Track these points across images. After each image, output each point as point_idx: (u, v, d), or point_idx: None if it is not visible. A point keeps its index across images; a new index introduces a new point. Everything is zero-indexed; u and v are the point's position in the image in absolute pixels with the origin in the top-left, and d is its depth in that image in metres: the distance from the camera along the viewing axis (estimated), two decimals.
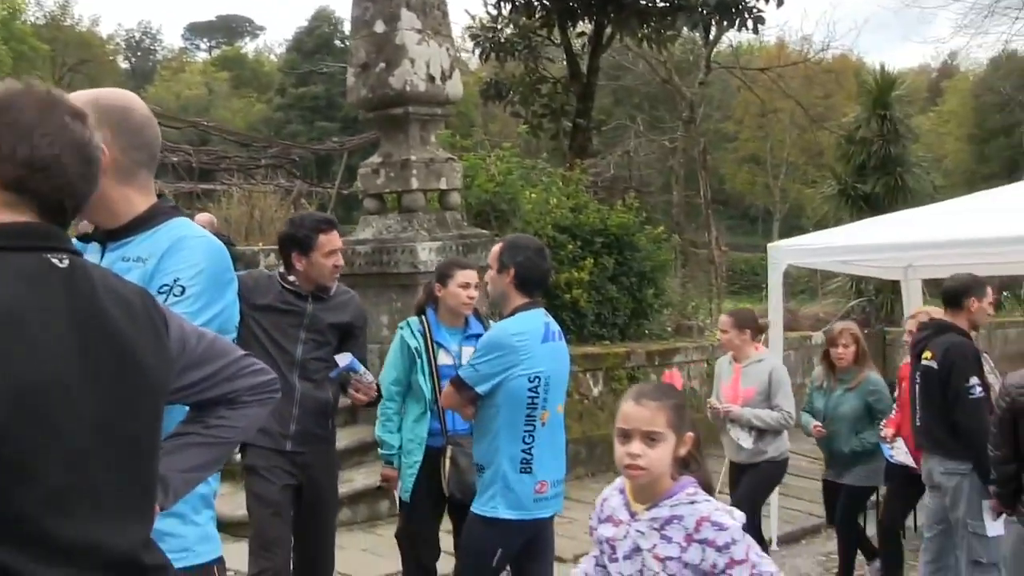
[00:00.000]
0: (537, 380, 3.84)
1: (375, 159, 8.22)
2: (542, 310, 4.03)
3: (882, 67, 19.80)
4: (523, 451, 3.85)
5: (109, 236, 2.40)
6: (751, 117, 44.27)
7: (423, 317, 4.77)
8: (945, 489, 5.00)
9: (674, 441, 2.53)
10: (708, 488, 2.61)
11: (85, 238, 2.47)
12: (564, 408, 4.13)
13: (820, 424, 6.07)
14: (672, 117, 28.23)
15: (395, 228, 8.04)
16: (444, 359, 4.70)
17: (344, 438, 6.66)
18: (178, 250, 2.32)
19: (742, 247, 35.44)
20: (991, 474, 4.55)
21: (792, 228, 33.86)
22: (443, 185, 8.10)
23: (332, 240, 4.26)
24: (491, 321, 4.80)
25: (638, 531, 2.55)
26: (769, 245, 8.02)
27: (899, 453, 5.99)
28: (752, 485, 5.87)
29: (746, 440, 5.82)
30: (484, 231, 8.43)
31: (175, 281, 2.28)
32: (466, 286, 4.71)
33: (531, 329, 3.91)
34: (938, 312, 5.61)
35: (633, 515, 2.58)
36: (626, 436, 2.52)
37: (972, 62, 54.06)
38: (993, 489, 4.57)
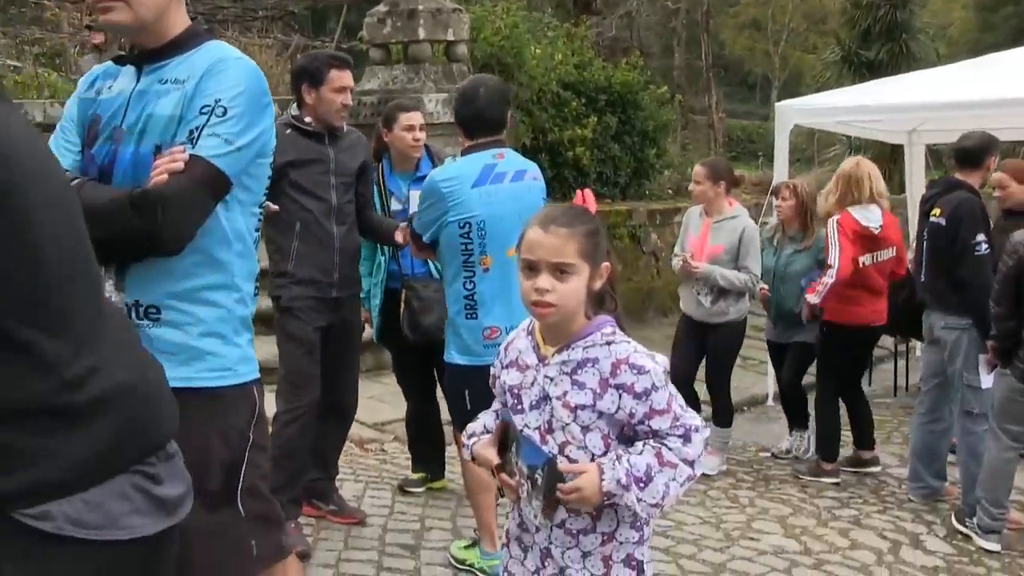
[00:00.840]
0: (468, 226, 3.78)
1: (381, 8, 8.08)
2: (490, 152, 3.89)
3: None
4: (466, 297, 3.84)
5: (145, 59, 2.40)
6: None
7: (379, 164, 4.82)
8: (944, 343, 5.14)
9: (588, 273, 2.19)
10: (622, 328, 2.29)
11: (119, 60, 2.48)
12: None
13: (766, 286, 5.90)
14: None
15: (401, 79, 7.97)
16: (395, 205, 4.81)
17: None
18: (218, 72, 2.33)
19: (740, 114, 35.15)
20: (991, 330, 4.70)
21: (791, 96, 33.38)
22: (450, 36, 8.00)
23: (343, 77, 4.24)
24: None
25: (547, 377, 2.23)
26: (777, 104, 8.01)
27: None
28: (717, 355, 5.72)
29: (706, 298, 5.61)
30: None
31: (217, 102, 2.31)
32: (410, 128, 4.71)
33: (462, 174, 3.85)
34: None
35: (542, 359, 2.26)
36: (532, 268, 2.18)
37: None
38: (991, 344, 4.72)
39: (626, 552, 2.25)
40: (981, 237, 4.99)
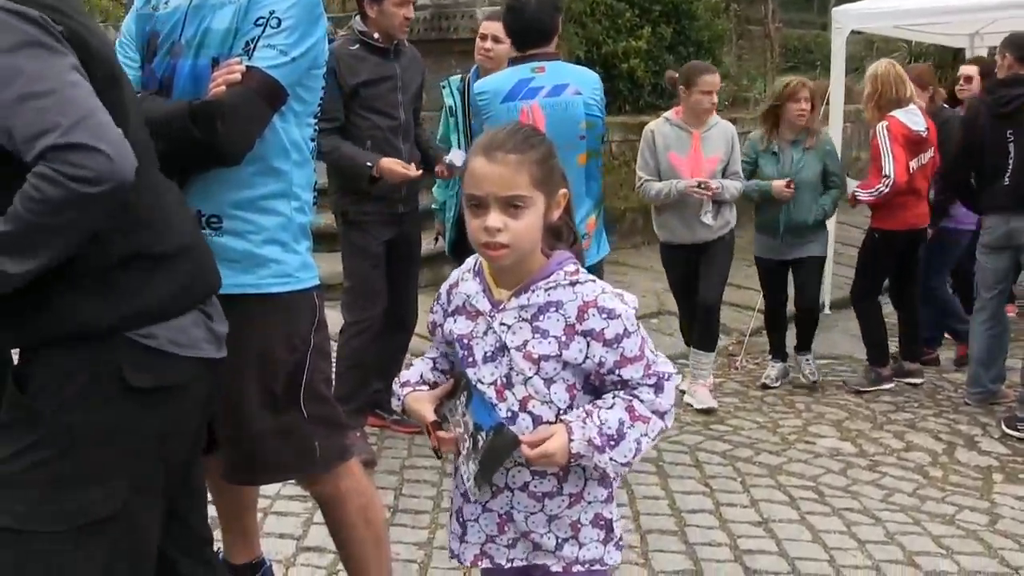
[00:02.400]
0: None
1: None
2: (530, 65, 3.87)
3: None
4: None
5: None
6: None
7: (466, 76, 4.81)
8: None
9: (543, 204, 1.92)
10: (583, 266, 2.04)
11: None
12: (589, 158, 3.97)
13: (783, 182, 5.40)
14: None
15: None
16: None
17: None
18: None
19: (796, 23, 34.13)
20: None
21: (848, 2, 32.42)
22: None
23: None
24: None
25: (503, 324, 1.96)
26: (834, 10, 7.85)
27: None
28: (716, 273, 5.33)
29: (710, 217, 5.21)
30: None
31: (271, 13, 2.34)
32: (482, 38, 4.71)
33: (495, 88, 3.86)
34: (885, 63, 5.66)
35: (496, 304, 1.99)
36: (479, 205, 1.90)
37: None
38: None
39: (594, 512, 2.03)
40: None
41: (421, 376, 2.17)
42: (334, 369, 3.28)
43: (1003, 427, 4.99)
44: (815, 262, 5.67)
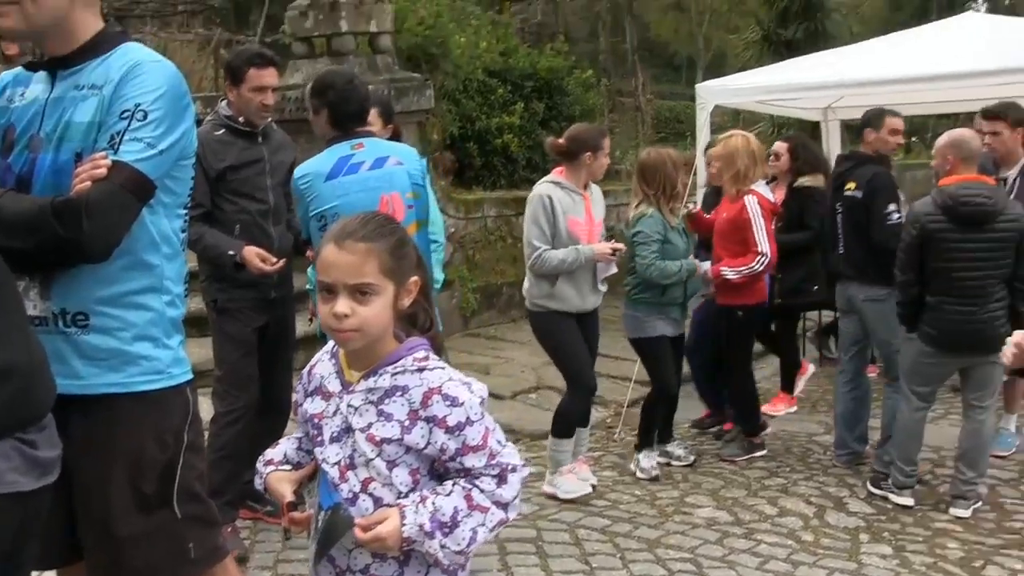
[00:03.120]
0: (324, 219, 3.83)
1: (303, 1, 8.05)
2: (349, 143, 3.94)
3: None
4: None
5: (58, 64, 2.38)
6: None
7: None
8: (867, 313, 5.34)
9: (393, 291, 1.96)
10: (439, 351, 2.07)
11: (31, 66, 2.46)
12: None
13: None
14: None
15: None
16: None
17: None
18: (136, 75, 2.33)
19: (667, 95, 35.40)
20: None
21: (716, 76, 33.59)
22: (373, 28, 8.00)
23: (262, 76, 4.24)
24: None
25: (350, 406, 1.99)
26: (697, 86, 8.19)
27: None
28: (594, 343, 5.21)
29: (604, 284, 5.15)
30: (415, 75, 8.39)
31: (136, 106, 2.31)
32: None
33: (316, 169, 3.90)
34: (739, 136, 5.65)
35: (346, 386, 2.03)
36: (329, 291, 1.94)
37: None
38: (897, 310, 4.93)
39: None
40: (893, 207, 5.20)
41: (285, 455, 2.19)
42: (206, 461, 3.19)
43: (868, 487, 5.18)
44: (681, 340, 5.63)
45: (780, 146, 6.65)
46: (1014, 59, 6.74)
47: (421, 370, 1.96)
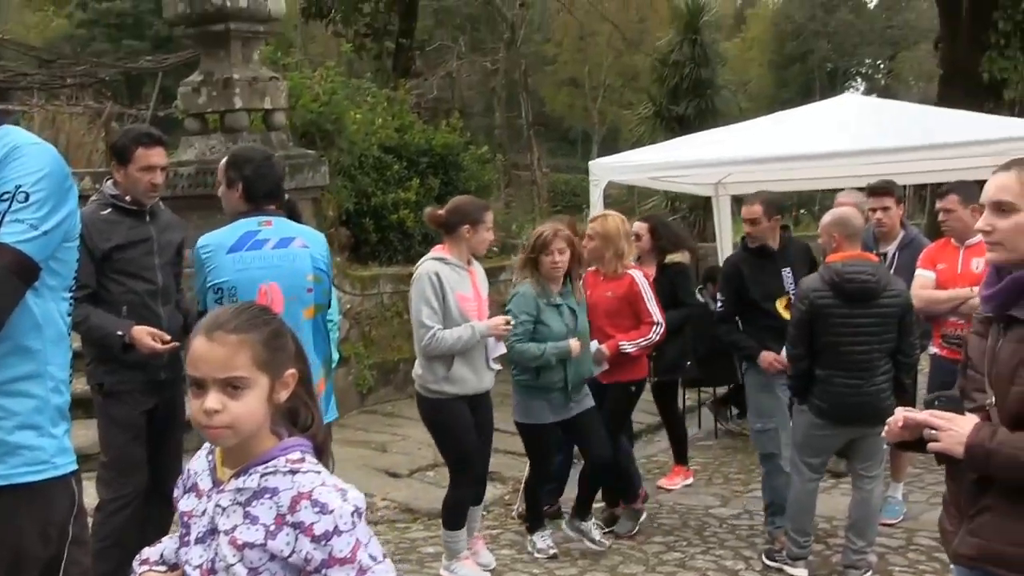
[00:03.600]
0: (220, 291, 3.82)
1: (196, 77, 7.99)
2: (257, 219, 3.92)
3: None
4: None
5: None
6: (570, 40, 44.71)
7: None
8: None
9: (267, 385, 1.86)
10: (321, 451, 1.96)
11: None
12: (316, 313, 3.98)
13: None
14: (493, 39, 28.32)
15: (219, 149, 7.86)
16: None
17: None
18: (15, 158, 2.29)
19: (563, 168, 36.09)
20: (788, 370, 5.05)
21: (610, 150, 34.58)
22: (267, 104, 7.97)
23: (150, 155, 4.19)
24: None
25: (219, 506, 1.87)
26: (591, 163, 8.34)
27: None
28: (488, 428, 5.13)
29: (496, 362, 5.01)
30: (310, 152, 8.37)
31: (17, 188, 2.26)
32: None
33: (218, 240, 3.89)
34: (615, 216, 5.64)
35: (217, 484, 1.92)
36: (199, 386, 1.83)
37: None
38: (789, 383, 5.06)
39: None
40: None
41: (162, 555, 2.08)
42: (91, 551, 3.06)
43: (763, 559, 5.24)
44: (593, 413, 5.34)
45: (640, 226, 6.50)
46: (890, 139, 7.08)
47: (293, 472, 1.85)
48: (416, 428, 7.85)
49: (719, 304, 5.79)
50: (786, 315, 5.30)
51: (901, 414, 2.44)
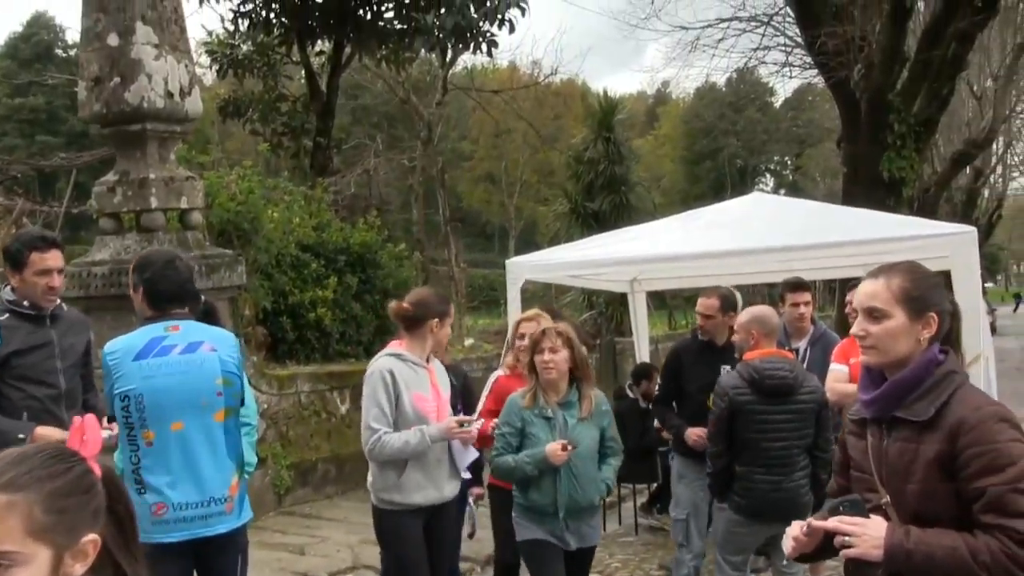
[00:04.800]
0: (127, 399, 3.71)
1: (111, 177, 7.91)
2: (164, 324, 3.83)
3: (605, 92, 21.04)
4: (133, 471, 3.73)
5: None
6: (486, 137, 45.61)
7: None
8: None
9: (49, 560, 1.46)
10: None
11: None
12: (225, 419, 3.86)
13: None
14: (411, 136, 28.69)
15: (134, 248, 7.75)
16: None
17: None
18: None
19: (480, 263, 36.39)
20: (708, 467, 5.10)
21: (528, 244, 35.18)
22: (184, 204, 7.91)
23: (46, 259, 4.11)
24: None
25: None
26: (507, 261, 8.41)
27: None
28: (457, 530, 4.95)
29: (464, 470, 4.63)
30: (227, 251, 8.30)
31: None
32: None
33: (125, 346, 3.79)
34: (546, 316, 5.22)
35: None
36: None
37: (682, 91, 58.58)
38: (709, 481, 5.10)
39: None
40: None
41: None
42: None
43: None
44: (591, 553, 4.76)
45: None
46: (797, 237, 7.30)
47: None
48: (335, 529, 7.72)
49: (658, 387, 5.90)
50: None
51: (801, 525, 2.45)
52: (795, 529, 2.46)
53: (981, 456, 2.28)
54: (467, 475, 4.65)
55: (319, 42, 16.12)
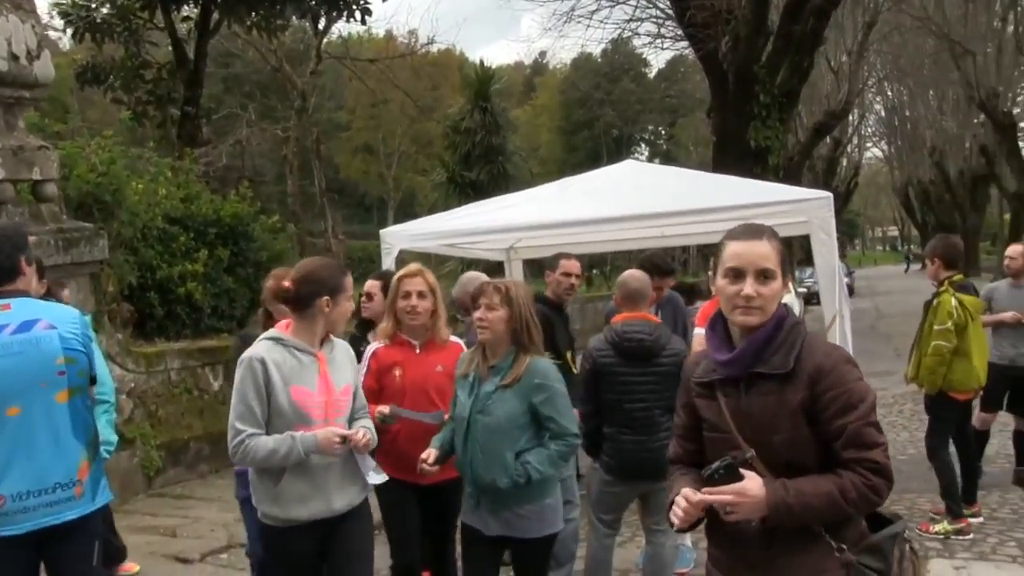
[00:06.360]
0: None
1: None
2: None
3: (481, 62, 21.03)
4: None
5: None
6: (364, 107, 45.01)
7: None
8: None
9: None
10: None
11: None
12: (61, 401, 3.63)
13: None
14: (285, 106, 28.06)
15: None
16: None
17: None
18: None
19: (360, 235, 36.04)
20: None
21: (407, 215, 34.86)
22: (36, 175, 7.54)
23: None
24: None
25: None
26: (382, 231, 8.31)
27: None
28: (366, 543, 3.85)
29: (373, 474, 3.81)
30: (87, 224, 7.96)
31: None
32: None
33: None
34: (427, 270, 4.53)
35: None
36: None
37: (559, 61, 59.00)
38: (583, 442, 5.14)
39: None
40: None
41: None
42: None
43: None
44: (533, 547, 3.96)
45: (372, 284, 5.42)
46: (667, 203, 7.41)
47: None
48: (208, 508, 7.54)
49: None
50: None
51: (683, 502, 2.47)
52: (676, 507, 2.49)
53: (839, 397, 2.41)
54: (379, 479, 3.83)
55: (185, 7, 15.58)
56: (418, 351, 4.47)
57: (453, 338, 4.61)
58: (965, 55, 32.95)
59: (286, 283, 3.68)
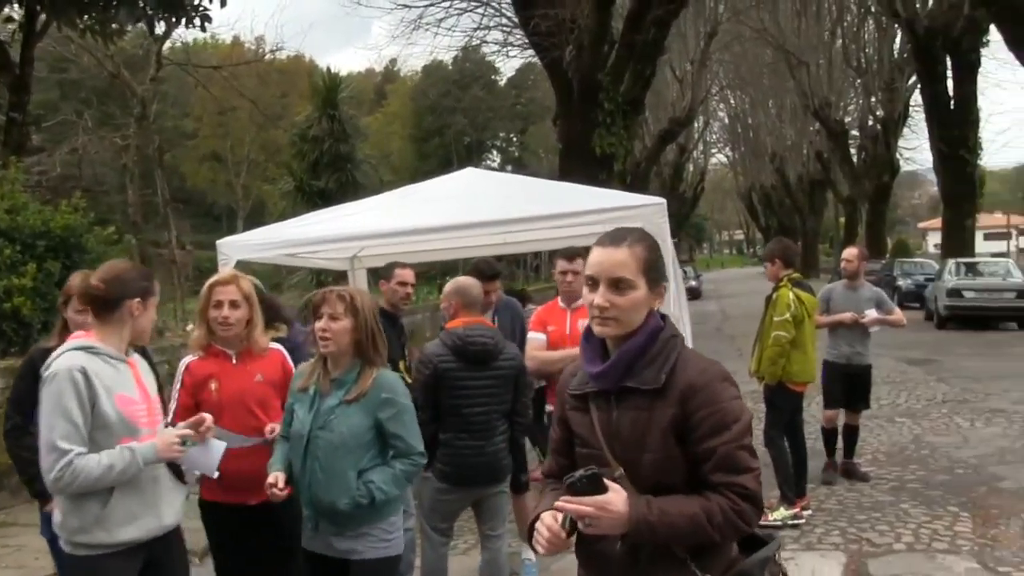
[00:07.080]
0: None
1: None
2: None
3: (329, 69, 20.84)
4: None
5: None
6: (210, 115, 43.91)
7: None
8: None
9: None
10: None
11: None
12: None
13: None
14: (125, 113, 27.09)
15: None
16: None
17: None
18: None
19: (208, 245, 34.98)
20: None
21: (257, 224, 34.07)
22: None
23: None
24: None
25: None
26: (218, 242, 8.09)
27: None
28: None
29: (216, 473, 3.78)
30: None
31: None
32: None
33: None
34: (244, 277, 4.36)
35: None
36: None
37: (410, 69, 58.95)
38: None
39: None
40: None
41: None
42: None
43: None
44: (376, 568, 3.78)
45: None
46: (509, 211, 7.48)
47: None
48: (32, 535, 7.16)
49: None
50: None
51: (548, 521, 2.36)
52: (541, 527, 2.37)
53: (710, 417, 2.30)
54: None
55: (7, 7, 14.84)
56: (234, 361, 4.22)
57: (273, 344, 4.43)
58: (800, 66, 34.64)
59: (95, 282, 3.46)
